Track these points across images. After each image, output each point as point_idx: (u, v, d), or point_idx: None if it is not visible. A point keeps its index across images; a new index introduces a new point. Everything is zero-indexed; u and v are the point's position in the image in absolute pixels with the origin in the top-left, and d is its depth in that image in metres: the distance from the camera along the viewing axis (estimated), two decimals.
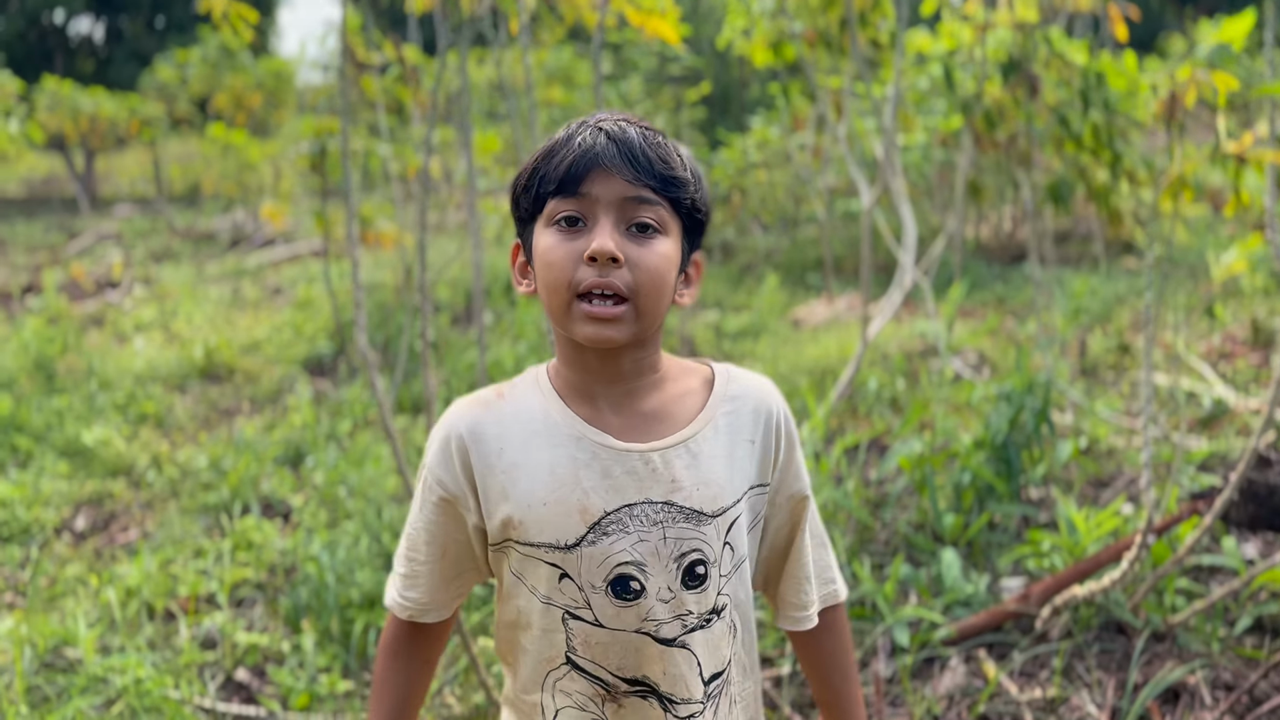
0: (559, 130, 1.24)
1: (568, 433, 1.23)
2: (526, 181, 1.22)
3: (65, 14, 22.19)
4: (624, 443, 1.22)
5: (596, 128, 1.19)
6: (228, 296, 8.68)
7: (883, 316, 4.66)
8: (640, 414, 1.25)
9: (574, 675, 1.25)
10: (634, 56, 7.55)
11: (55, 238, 13.59)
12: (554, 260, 1.17)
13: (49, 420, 4.93)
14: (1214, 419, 4.46)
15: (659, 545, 1.20)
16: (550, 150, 1.20)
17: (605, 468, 1.21)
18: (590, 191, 1.17)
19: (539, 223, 1.22)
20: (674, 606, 1.22)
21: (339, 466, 4.10)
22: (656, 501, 1.21)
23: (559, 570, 1.21)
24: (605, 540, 1.20)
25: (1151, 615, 2.80)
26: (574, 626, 1.23)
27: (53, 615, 3.22)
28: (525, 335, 6.17)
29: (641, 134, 1.19)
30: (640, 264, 1.16)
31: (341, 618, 3.03)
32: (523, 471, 1.22)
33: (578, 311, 1.17)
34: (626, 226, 1.17)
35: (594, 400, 1.25)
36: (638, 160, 1.17)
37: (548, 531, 1.21)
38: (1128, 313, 6.41)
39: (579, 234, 1.17)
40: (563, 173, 1.17)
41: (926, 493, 3.48)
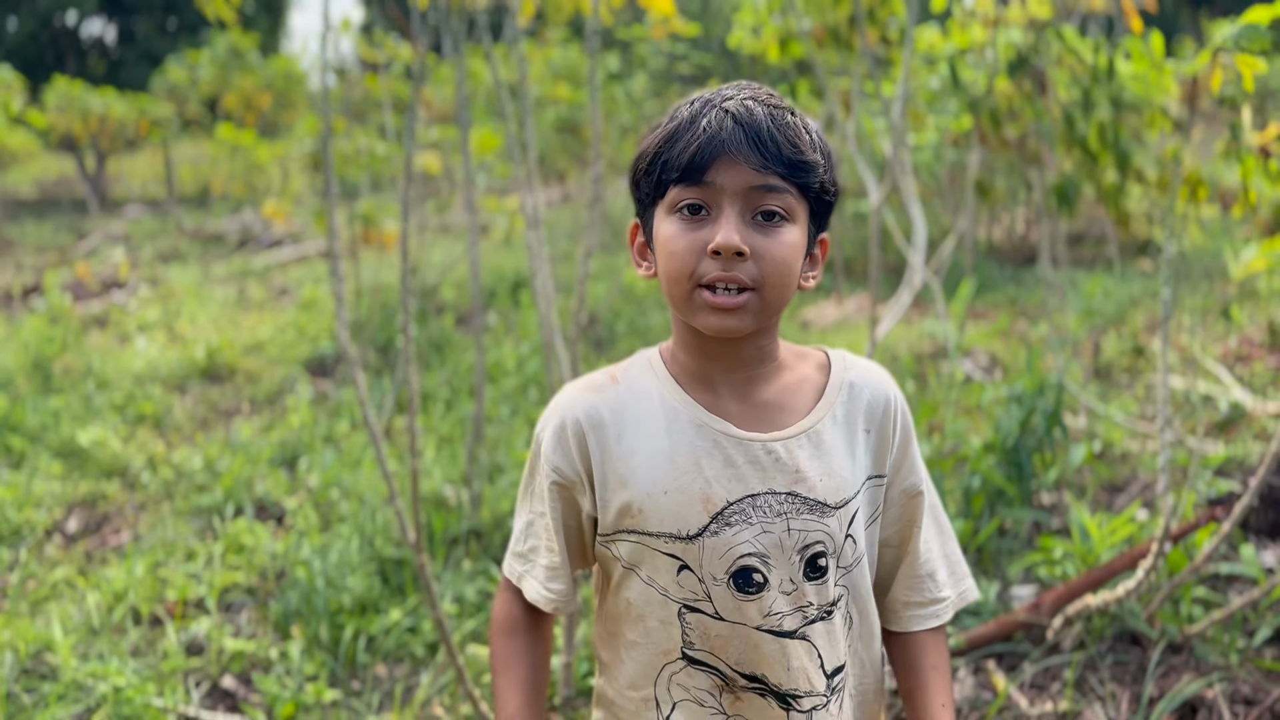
0: (681, 107, 1.17)
1: (688, 419, 1.18)
2: (648, 166, 1.16)
3: (78, 15, 22.24)
4: (746, 432, 1.18)
5: (722, 109, 1.12)
6: (233, 297, 8.62)
7: (891, 317, 4.56)
8: (760, 402, 1.21)
9: (691, 670, 1.20)
10: (642, 54, 7.47)
11: (64, 238, 13.58)
12: (676, 250, 1.12)
13: (44, 420, 4.87)
14: (1231, 423, 4.34)
15: (782, 537, 1.16)
16: (673, 134, 1.14)
17: (728, 456, 1.17)
18: (715, 180, 1.11)
19: (660, 208, 1.16)
20: (795, 599, 1.17)
21: (334, 468, 4.02)
22: (780, 492, 1.17)
23: (678, 561, 1.17)
24: (728, 531, 1.15)
25: (1167, 625, 2.70)
26: (691, 620, 1.19)
27: (38, 620, 3.15)
28: (529, 336, 6.09)
29: (769, 114, 1.12)
30: (766, 255, 1.11)
31: (331, 624, 2.95)
32: (642, 458, 1.18)
33: (700, 301, 1.12)
34: (752, 215, 1.12)
35: (713, 387, 1.20)
36: (765, 146, 1.10)
37: (669, 521, 1.16)
38: (1142, 314, 6.29)
39: (703, 223, 1.12)
40: (686, 160, 1.11)
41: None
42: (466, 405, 4.85)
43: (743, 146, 1.10)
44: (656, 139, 1.16)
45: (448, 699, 2.61)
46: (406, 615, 3.01)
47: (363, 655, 2.87)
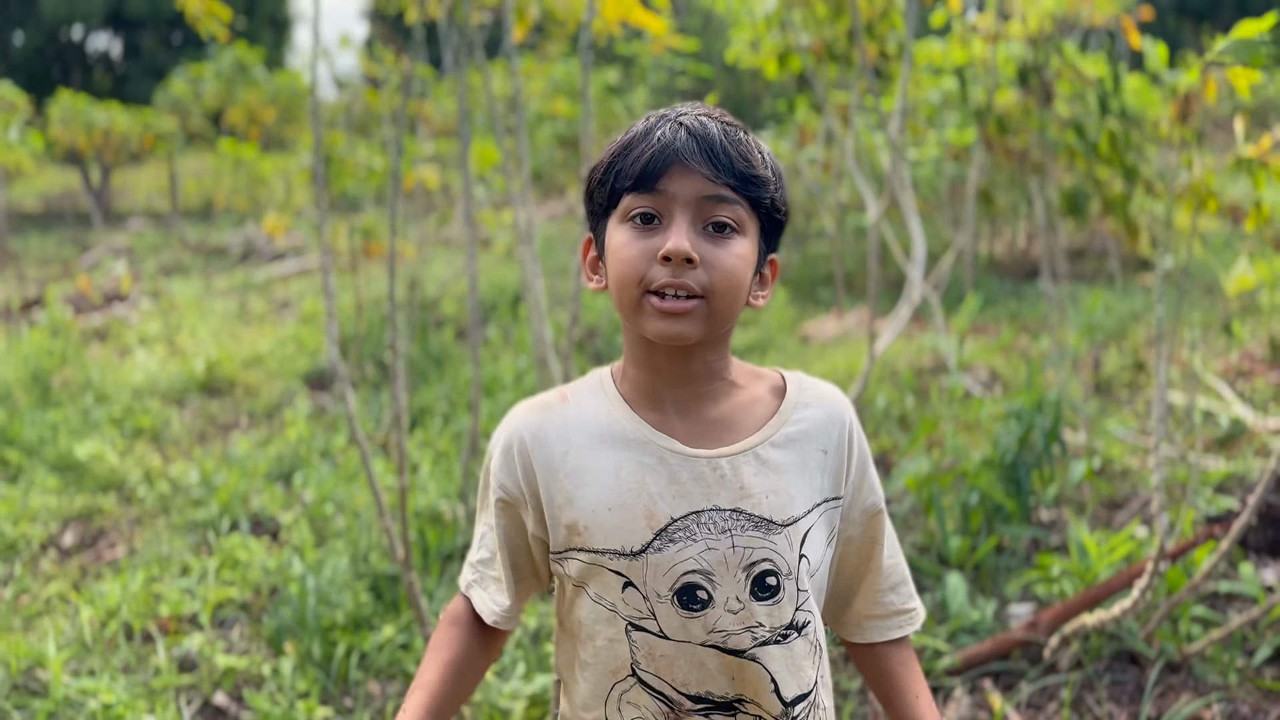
0: (637, 122, 1.19)
1: (634, 437, 1.18)
2: (602, 175, 1.17)
3: (83, 30, 22.34)
4: (691, 449, 1.17)
5: (676, 122, 1.14)
6: (234, 310, 8.63)
7: (890, 332, 4.55)
8: (708, 420, 1.20)
9: (639, 689, 1.19)
10: (643, 69, 7.47)
11: (67, 251, 13.62)
12: (627, 256, 1.13)
13: (42, 434, 4.86)
14: (1232, 439, 4.33)
15: (727, 554, 1.15)
16: (627, 144, 1.15)
17: (672, 473, 1.16)
18: (667, 189, 1.12)
19: (613, 218, 1.17)
20: (743, 618, 1.15)
21: (329, 483, 4.01)
22: (725, 509, 1.15)
23: (623, 578, 1.16)
24: (672, 547, 1.14)
25: (1166, 644, 2.67)
26: (637, 638, 1.17)
27: (30, 635, 3.13)
28: (528, 350, 6.08)
29: (723, 129, 1.14)
30: (716, 264, 1.12)
31: (324, 640, 2.93)
32: (587, 476, 1.18)
33: (648, 307, 1.12)
34: (703, 225, 1.12)
35: (661, 404, 1.20)
36: (718, 157, 1.12)
37: (613, 538, 1.16)
38: (1143, 329, 6.27)
39: (654, 231, 1.13)
40: (640, 168, 1.12)
41: (933, 513, 3.36)
42: (464, 419, 4.84)
43: (695, 156, 1.11)
44: (611, 150, 1.17)
45: None
46: (400, 632, 2.99)
47: (355, 672, 2.86)
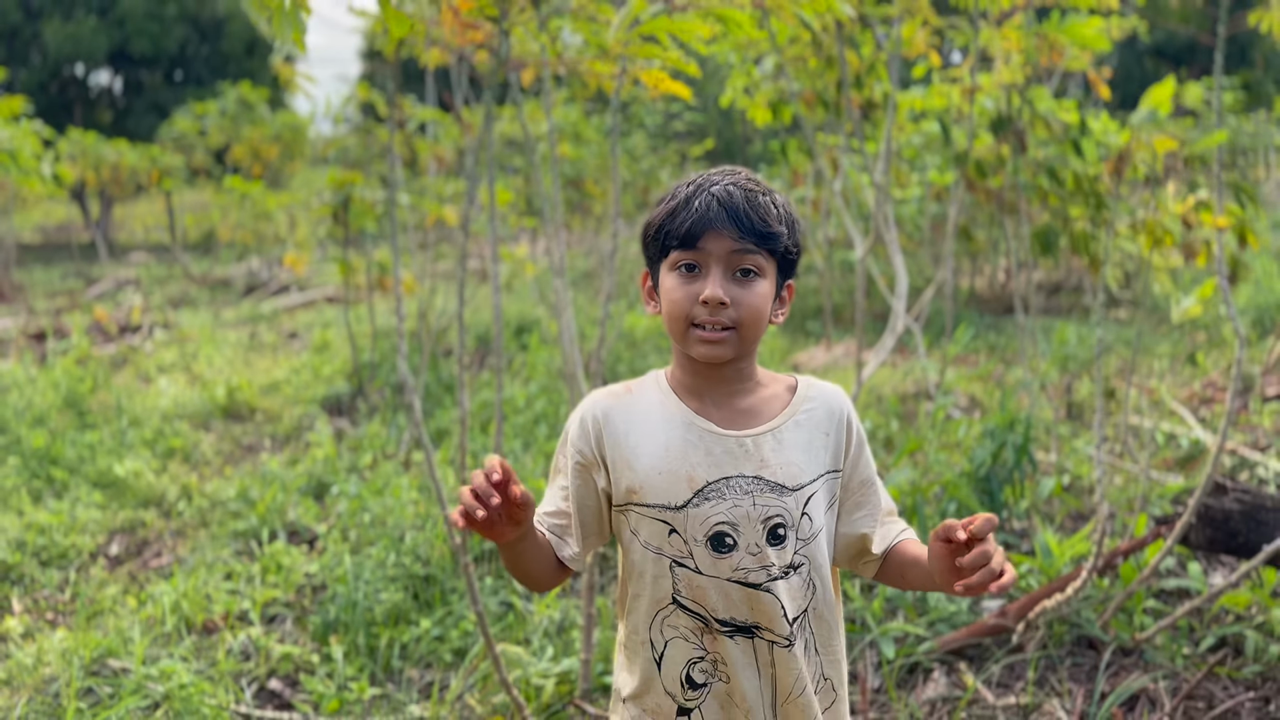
0: (680, 188, 1.57)
1: (680, 420, 1.56)
2: (655, 233, 1.56)
3: (85, 67, 22.76)
4: (724, 430, 1.55)
5: (710, 193, 1.51)
6: (245, 340, 8.96)
7: (875, 361, 4.91)
8: (738, 409, 1.58)
9: (679, 613, 1.55)
10: (640, 113, 7.88)
11: (73, 283, 13.92)
12: (676, 299, 1.52)
13: (81, 454, 5.18)
14: (1191, 459, 4.69)
15: (749, 510, 1.51)
16: (674, 211, 1.53)
17: (708, 448, 1.53)
18: (705, 247, 1.50)
19: (664, 265, 1.55)
20: (760, 559, 1.51)
21: (361, 496, 4.33)
22: (748, 475, 1.52)
23: (668, 526, 1.53)
24: (707, 504, 1.51)
25: (1121, 633, 3.02)
26: (679, 573, 1.54)
27: (95, 631, 3.44)
28: (535, 376, 6.43)
29: (745, 196, 1.51)
30: (742, 303, 1.50)
31: (368, 633, 3.25)
32: (643, 448, 1.55)
33: (693, 336, 1.52)
34: (733, 273, 1.50)
35: (702, 397, 1.58)
36: (741, 222, 1.49)
37: (662, 495, 1.53)
38: (1115, 360, 6.66)
39: (695, 278, 1.51)
40: (684, 232, 1.50)
41: (916, 520, 3.70)
42: (478, 440, 5.18)
43: (725, 223, 1.50)
44: (661, 214, 1.56)
45: (479, 693, 2.91)
46: (435, 625, 3.31)
47: (396, 661, 3.18)
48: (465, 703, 2.89)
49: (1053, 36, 5.25)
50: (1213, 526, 2.89)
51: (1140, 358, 6.78)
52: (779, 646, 1.55)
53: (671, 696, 1.57)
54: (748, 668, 1.55)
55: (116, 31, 21.10)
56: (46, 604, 3.79)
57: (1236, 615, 3.18)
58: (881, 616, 3.20)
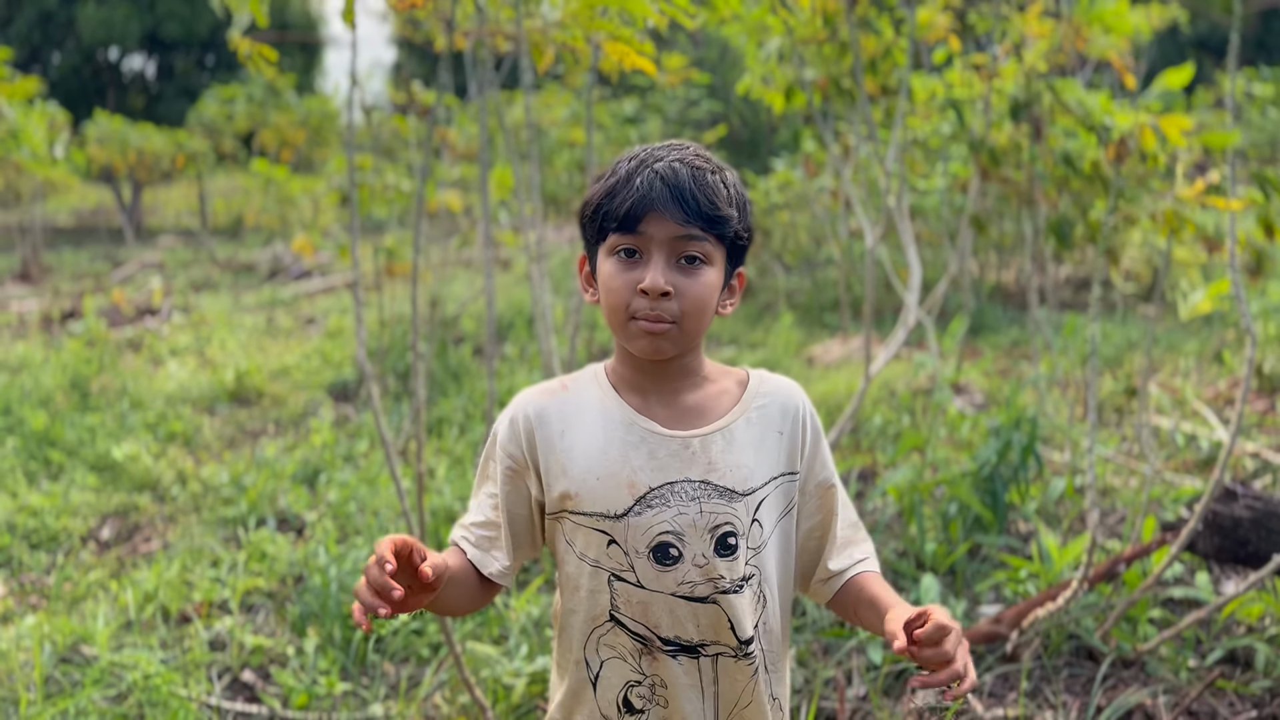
0: (621, 163, 1.40)
1: (620, 419, 1.42)
2: (591, 213, 1.39)
3: (119, 52, 22.93)
4: (669, 430, 1.41)
5: (653, 169, 1.35)
6: (262, 325, 8.94)
7: (885, 355, 4.77)
8: (683, 407, 1.44)
9: (617, 630, 1.42)
10: (659, 100, 7.76)
11: (100, 266, 14.02)
12: (614, 287, 1.37)
13: (81, 436, 5.15)
14: (1211, 461, 4.52)
15: (695, 518, 1.38)
16: (611, 190, 1.37)
17: (651, 450, 1.39)
18: (646, 230, 1.34)
19: (602, 249, 1.40)
20: (707, 571, 1.38)
21: (351, 484, 4.26)
22: (695, 480, 1.38)
23: (607, 537, 1.39)
24: (650, 512, 1.37)
25: (1122, 643, 2.88)
26: (618, 587, 1.41)
27: (73, 616, 3.39)
28: (542, 366, 6.33)
29: (692, 174, 1.35)
30: (686, 294, 1.35)
31: (344, 625, 3.18)
32: (579, 451, 1.40)
33: (633, 329, 1.36)
34: (676, 259, 1.35)
35: (645, 394, 1.43)
36: (687, 203, 1.33)
37: (600, 502, 1.39)
38: (1139, 357, 6.47)
39: (635, 264, 1.35)
40: (622, 213, 1.34)
41: (914, 521, 3.58)
42: (479, 429, 5.09)
43: (668, 204, 1.33)
44: (599, 191, 1.39)
45: (448, 692, 2.83)
46: (413, 618, 3.23)
47: (372, 655, 3.10)
48: (433, 702, 2.80)
49: (1079, 20, 5.08)
50: (1221, 534, 2.75)
51: (1165, 355, 6.58)
52: (725, 658, 1.42)
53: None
54: (690, 689, 1.42)
55: (149, 16, 21.24)
56: (31, 587, 3.75)
57: (1248, 627, 3.04)
58: None
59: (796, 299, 9.51)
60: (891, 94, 5.65)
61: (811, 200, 8.31)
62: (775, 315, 8.54)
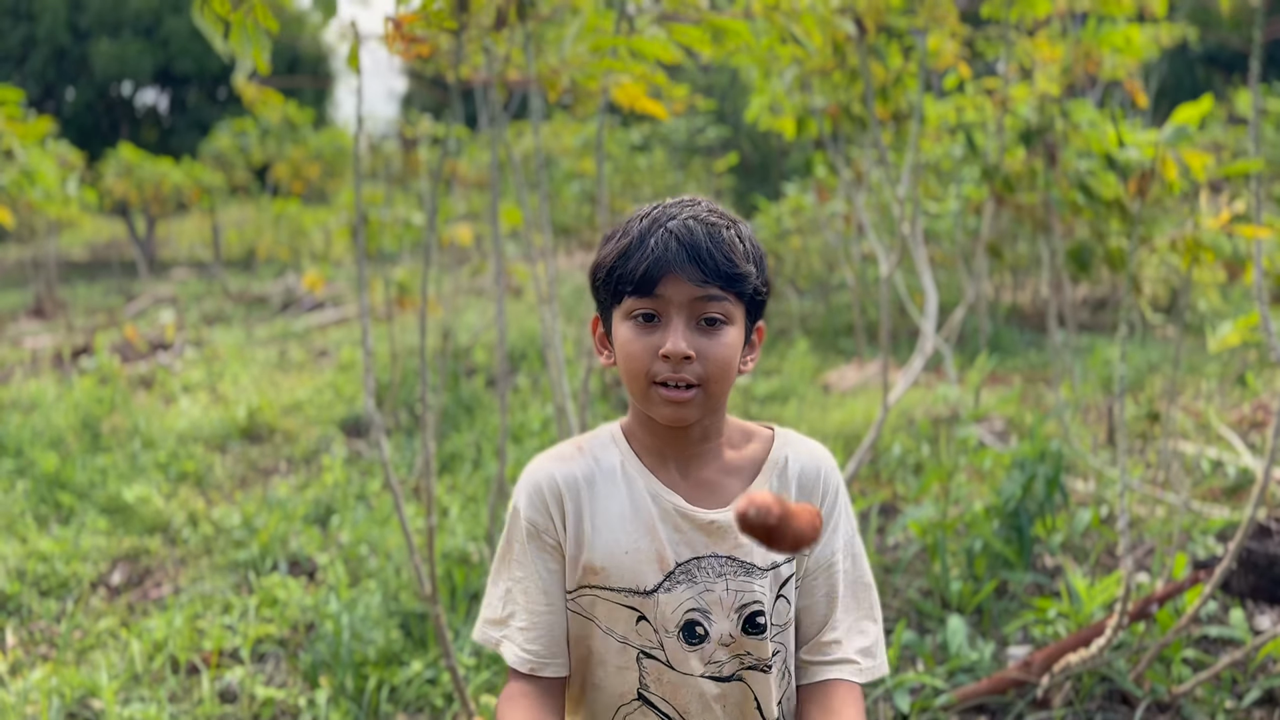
0: (633, 223, 1.33)
1: (644, 489, 1.35)
2: (605, 277, 1.33)
3: (132, 87, 23.11)
4: (692, 506, 1.34)
5: (667, 229, 1.29)
6: (274, 358, 8.92)
7: (903, 383, 4.70)
8: (706, 474, 1.37)
9: (644, 710, 1.36)
10: (664, 130, 7.73)
11: (113, 300, 14.06)
12: (633, 353, 1.30)
13: (92, 478, 5.11)
14: (1239, 488, 4.43)
15: (722, 595, 1.33)
16: (625, 251, 1.30)
17: (677, 524, 1.33)
18: (664, 293, 1.28)
19: (617, 312, 1.33)
20: (734, 649, 1.34)
21: (364, 525, 4.21)
22: (721, 556, 1.33)
23: (637, 613, 1.33)
24: (679, 588, 1.32)
25: (1157, 685, 2.79)
26: (648, 665, 1.35)
27: (82, 667, 3.34)
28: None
29: (708, 232, 1.29)
30: (709, 355, 1.29)
31: (356, 674, 3.11)
32: (603, 521, 1.34)
33: (655, 395, 1.30)
34: (696, 321, 1.29)
35: (665, 461, 1.37)
36: (704, 263, 1.27)
37: (628, 577, 1.33)
38: (1160, 380, 6.37)
39: (654, 329, 1.29)
40: (638, 277, 1.28)
41: (938, 559, 3.49)
42: (492, 465, 5.03)
43: (685, 265, 1.27)
44: (611, 254, 1.32)
45: None
46: (427, 667, 3.16)
47: (385, 705, 3.03)
48: None
49: (1088, 45, 5.03)
50: (1256, 572, 2.66)
51: (1187, 377, 6.48)
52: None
53: None
54: None
55: (161, 52, 21.40)
56: (41, 636, 3.70)
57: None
58: (898, 665, 3.00)
59: (810, 324, 9.44)
60: (902, 119, 5.61)
61: (823, 225, 8.27)
62: (790, 341, 8.48)
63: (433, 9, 1.76)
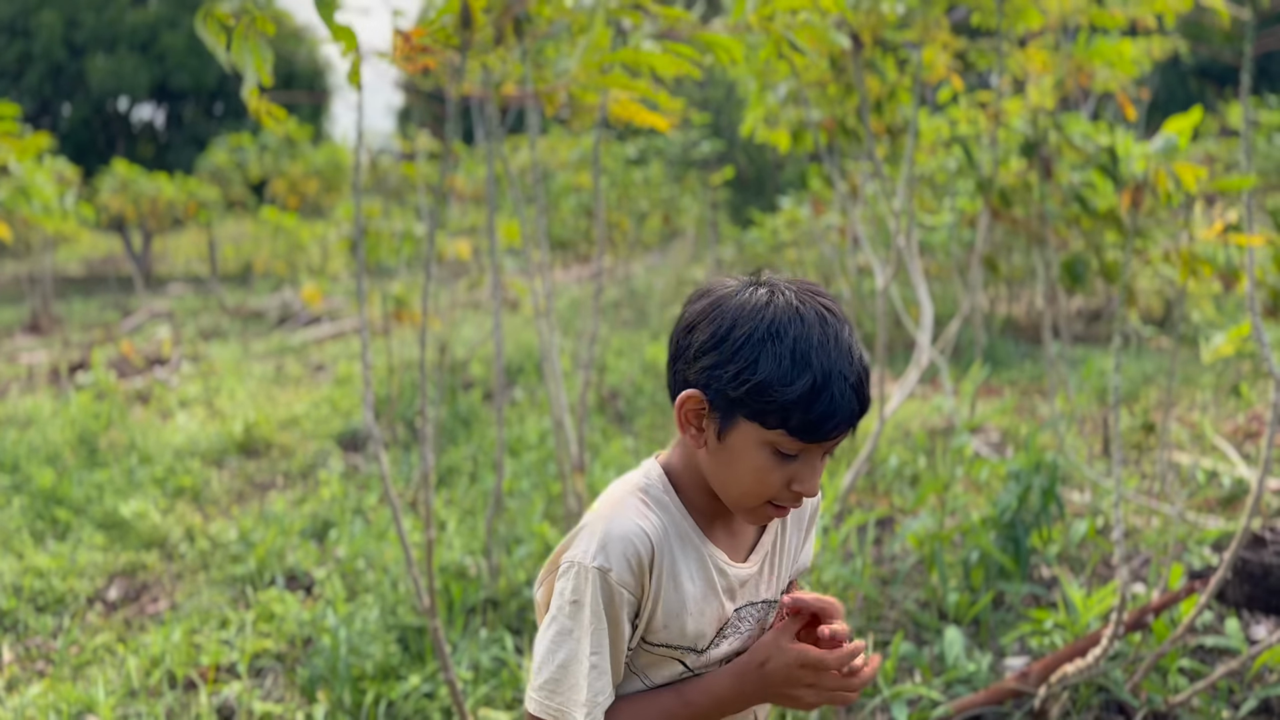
0: (809, 351, 1.21)
1: (700, 548, 1.36)
2: (766, 401, 1.21)
3: (129, 102, 23.16)
4: (733, 564, 1.39)
5: (847, 383, 1.21)
6: (271, 373, 8.92)
7: (899, 395, 4.72)
8: (735, 527, 1.41)
9: None
10: (659, 143, 7.76)
11: (110, 316, 14.05)
12: (768, 481, 1.26)
13: (89, 493, 5.11)
14: (1234, 499, 4.44)
15: (753, 634, 1.42)
16: (809, 397, 1.20)
17: (729, 584, 1.38)
18: (826, 443, 1.25)
19: (753, 428, 1.24)
20: None
21: (361, 540, 4.21)
22: (758, 602, 1.43)
23: (683, 665, 1.38)
24: (725, 642, 1.39)
25: (1153, 695, 2.80)
26: None
27: (79, 683, 3.33)
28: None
29: (861, 377, 1.24)
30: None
31: (354, 689, 3.11)
32: (671, 581, 1.32)
33: (765, 512, 1.32)
34: (823, 455, 1.28)
35: (711, 521, 1.38)
36: (859, 415, 1.24)
37: (690, 637, 1.35)
38: (1155, 391, 6.39)
39: (790, 460, 1.25)
40: (818, 432, 1.22)
41: (935, 570, 3.50)
42: (489, 479, 5.04)
43: (854, 421, 1.24)
44: (791, 393, 1.20)
45: None
46: (425, 681, 3.16)
47: (384, 719, 3.03)
48: None
49: (1080, 58, 5.06)
50: (1251, 582, 2.68)
51: (1182, 388, 6.50)
52: None
53: None
54: None
55: (158, 67, 21.46)
56: (38, 652, 3.69)
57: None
58: (894, 677, 3.00)
59: None
60: (897, 133, 5.64)
61: (819, 237, 8.30)
62: None
63: (437, 26, 1.78)
